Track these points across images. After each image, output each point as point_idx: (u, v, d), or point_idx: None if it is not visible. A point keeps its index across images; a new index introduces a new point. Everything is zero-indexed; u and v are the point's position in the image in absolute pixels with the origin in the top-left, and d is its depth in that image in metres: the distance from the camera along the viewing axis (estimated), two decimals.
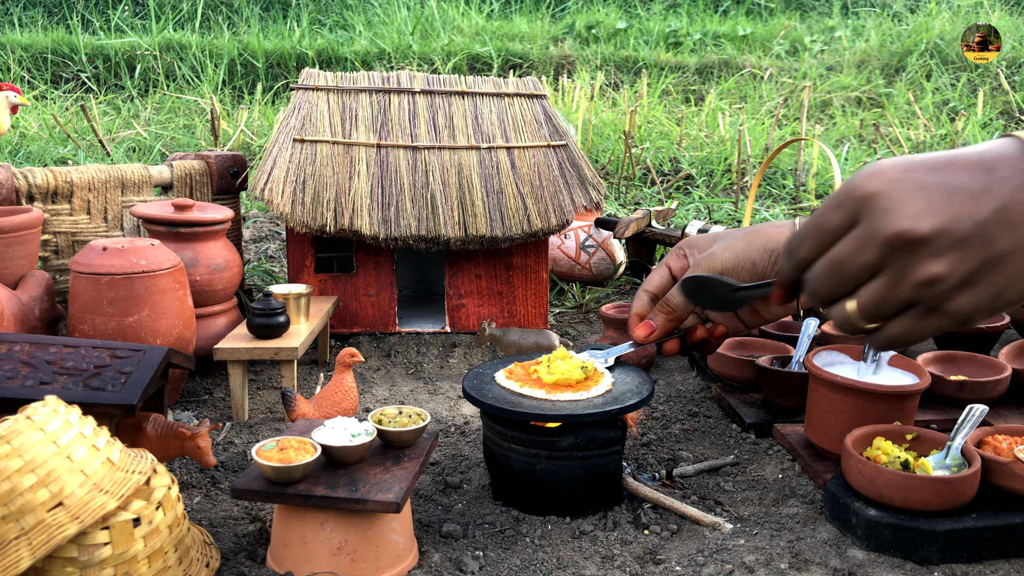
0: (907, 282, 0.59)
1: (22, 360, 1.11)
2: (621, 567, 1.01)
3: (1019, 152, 0.59)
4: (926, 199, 0.58)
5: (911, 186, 0.59)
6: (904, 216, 0.58)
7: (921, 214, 0.58)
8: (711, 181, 3.61)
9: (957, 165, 0.59)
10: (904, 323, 0.61)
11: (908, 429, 1.14)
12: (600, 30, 6.04)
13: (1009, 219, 0.57)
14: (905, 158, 0.61)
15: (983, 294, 0.59)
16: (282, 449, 0.97)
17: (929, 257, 0.58)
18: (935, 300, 0.59)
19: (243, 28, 6.05)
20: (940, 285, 0.58)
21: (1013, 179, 0.58)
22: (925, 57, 5.40)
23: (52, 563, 0.83)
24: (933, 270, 0.58)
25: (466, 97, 1.97)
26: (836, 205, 0.62)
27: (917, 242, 0.58)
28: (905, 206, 0.58)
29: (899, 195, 0.59)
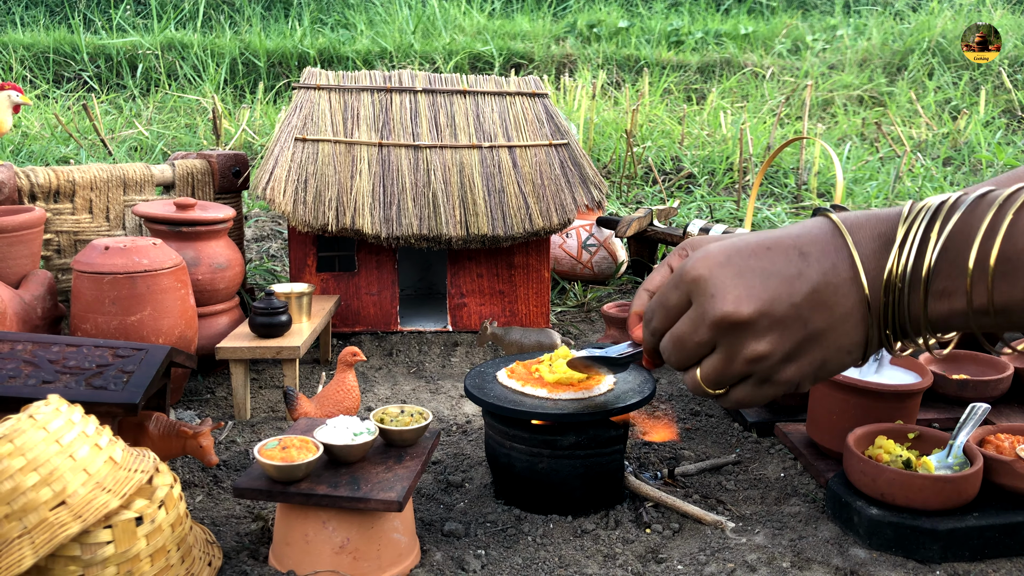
0: (738, 359, 0.65)
1: (25, 359, 1.11)
2: (623, 566, 1.01)
3: (829, 235, 0.65)
4: (747, 284, 0.64)
5: (733, 272, 0.65)
6: (727, 301, 0.64)
7: (742, 299, 0.64)
8: (713, 180, 3.60)
9: (775, 250, 0.65)
10: (744, 390, 0.68)
11: (910, 428, 1.14)
12: (602, 29, 6.04)
13: (821, 301, 0.64)
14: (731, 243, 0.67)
15: (807, 366, 0.66)
16: (284, 448, 0.98)
17: (753, 337, 0.64)
18: (765, 373, 0.66)
19: (245, 27, 6.05)
20: (766, 361, 0.65)
21: (823, 263, 0.64)
22: (927, 55, 5.40)
23: (55, 562, 0.83)
24: (758, 349, 0.64)
25: (468, 96, 1.97)
26: (674, 285, 0.69)
27: (741, 324, 0.64)
28: (728, 291, 0.64)
29: (723, 281, 0.65)
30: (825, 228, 0.66)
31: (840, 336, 0.65)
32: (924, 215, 0.63)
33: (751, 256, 0.66)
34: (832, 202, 2.42)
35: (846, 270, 0.64)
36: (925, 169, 3.46)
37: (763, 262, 0.65)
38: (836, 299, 0.64)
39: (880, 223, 0.65)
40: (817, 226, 0.66)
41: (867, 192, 3.21)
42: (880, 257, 0.64)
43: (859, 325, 0.65)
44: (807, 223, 0.68)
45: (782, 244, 0.66)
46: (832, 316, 0.64)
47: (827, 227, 0.66)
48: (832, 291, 0.64)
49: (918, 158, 3.66)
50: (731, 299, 0.64)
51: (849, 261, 0.64)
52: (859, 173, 3.49)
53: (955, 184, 3.36)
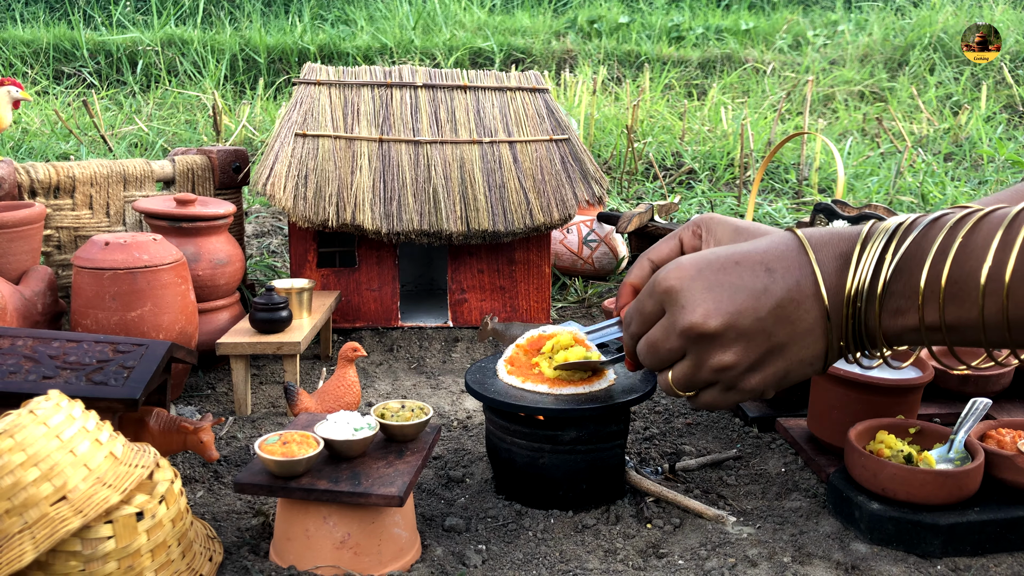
0: (705, 367, 0.70)
1: (25, 355, 1.11)
2: (624, 561, 1.01)
3: (795, 252, 0.69)
4: (715, 298, 0.68)
5: (703, 285, 0.69)
6: (696, 313, 0.68)
7: (710, 313, 0.68)
8: (714, 175, 3.60)
9: (743, 265, 0.69)
10: (711, 395, 0.73)
11: (911, 423, 1.13)
12: (602, 24, 6.03)
13: (784, 315, 0.67)
14: (703, 256, 0.71)
15: (770, 376, 0.70)
16: (285, 443, 0.98)
17: (720, 348, 0.69)
18: (731, 380, 0.70)
19: (245, 23, 6.04)
20: (732, 370, 0.69)
21: (787, 280, 0.68)
22: (928, 51, 5.39)
23: (56, 557, 0.83)
24: (724, 359, 0.69)
25: (468, 91, 1.96)
26: (648, 294, 0.73)
27: (708, 336, 0.68)
28: (697, 304, 0.68)
29: (693, 293, 0.69)
30: (791, 245, 0.70)
31: (802, 349, 0.69)
32: (882, 236, 0.66)
33: (720, 270, 0.69)
34: (833, 197, 2.42)
35: (809, 287, 0.67)
36: (926, 164, 3.45)
37: (731, 276, 0.69)
38: (799, 314, 0.68)
39: (842, 242, 0.69)
40: (784, 242, 0.70)
41: (868, 187, 3.20)
42: (841, 275, 0.68)
43: (820, 338, 0.69)
44: (775, 238, 0.71)
45: (750, 259, 0.69)
46: (795, 330, 0.68)
47: (793, 244, 0.70)
48: (795, 306, 0.67)
49: (919, 153, 3.65)
50: (700, 312, 0.68)
51: (812, 278, 0.67)
52: (860, 168, 3.49)
53: (956, 180, 3.36)
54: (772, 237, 0.72)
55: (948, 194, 2.97)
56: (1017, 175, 3.34)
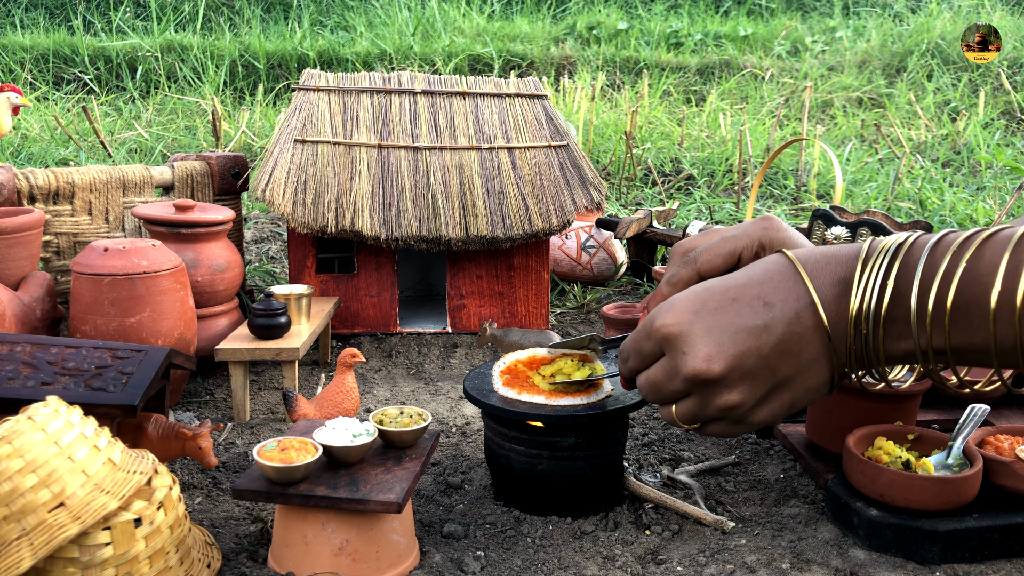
0: (711, 407, 0.69)
1: (23, 361, 1.11)
2: (622, 567, 1.01)
3: (791, 282, 0.68)
4: (716, 341, 0.67)
5: (702, 329, 0.67)
6: (698, 359, 0.67)
7: (713, 357, 0.67)
8: (712, 181, 3.61)
9: (740, 302, 0.68)
10: (718, 428, 0.72)
11: (910, 429, 1.13)
12: (601, 31, 6.04)
13: (787, 350, 0.67)
14: (696, 295, 0.69)
15: (778, 408, 0.70)
16: (283, 449, 0.97)
17: (725, 389, 0.68)
18: (738, 417, 0.70)
19: (244, 29, 6.05)
20: (738, 409, 0.69)
21: (786, 312, 0.67)
22: (926, 57, 5.40)
23: (53, 563, 0.83)
24: (730, 399, 0.68)
25: (467, 97, 1.97)
26: (645, 336, 0.72)
27: (712, 380, 0.67)
28: (698, 349, 0.67)
29: (692, 338, 0.68)
30: (787, 273, 0.68)
31: (807, 379, 0.68)
32: (882, 258, 0.65)
33: (718, 310, 0.68)
34: (832, 203, 2.42)
35: (809, 318, 0.66)
36: (924, 171, 3.46)
37: (730, 316, 0.67)
38: (801, 347, 0.67)
39: (840, 266, 0.67)
40: (779, 271, 0.69)
41: (866, 194, 3.21)
42: (841, 301, 0.67)
43: (825, 366, 0.68)
44: (769, 265, 0.70)
45: (747, 295, 0.68)
46: (799, 362, 0.67)
47: (788, 272, 0.68)
48: (797, 340, 0.67)
49: (917, 159, 3.66)
50: (702, 357, 0.67)
51: (811, 309, 0.66)
52: (858, 174, 3.49)
53: (954, 186, 3.37)
54: (766, 264, 0.70)
55: (946, 200, 2.97)
56: (1015, 181, 3.34)
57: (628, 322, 1.65)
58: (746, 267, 0.72)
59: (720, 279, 0.71)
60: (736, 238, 0.82)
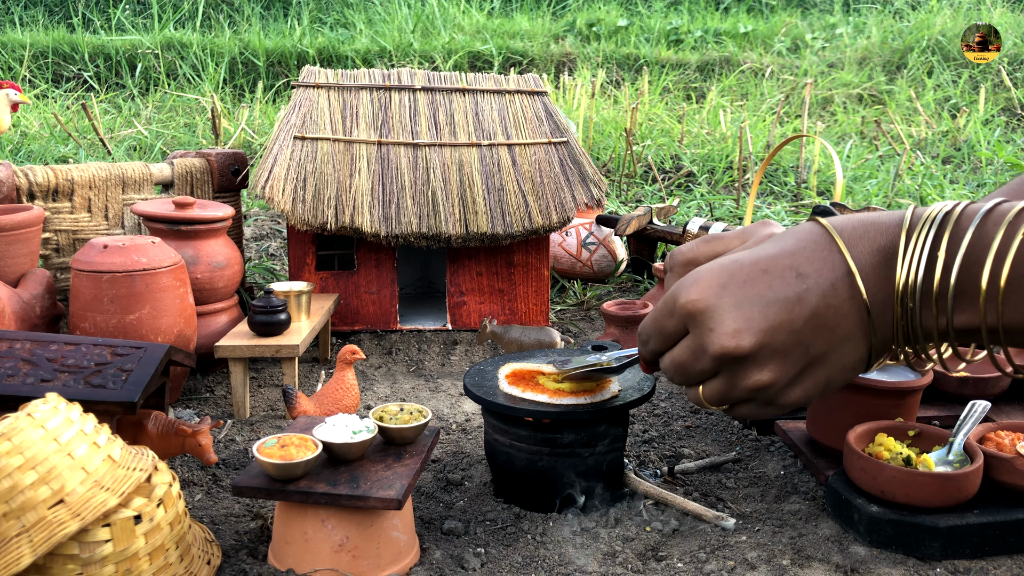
0: (740, 386, 0.64)
1: (23, 358, 1.11)
2: (623, 563, 1.01)
3: (826, 251, 0.62)
4: (745, 316, 0.62)
5: (730, 303, 0.62)
6: (726, 335, 0.62)
7: (741, 332, 0.62)
8: (712, 178, 3.60)
9: (771, 273, 0.63)
10: (748, 409, 0.67)
11: (910, 425, 1.13)
12: (601, 27, 6.03)
13: (822, 324, 0.62)
14: (724, 267, 0.64)
15: (811, 388, 0.65)
16: (283, 446, 0.97)
17: (755, 367, 0.63)
18: (769, 398, 0.65)
19: (244, 26, 6.04)
20: (770, 389, 0.64)
21: (821, 284, 0.61)
22: (927, 54, 5.39)
23: (53, 560, 0.83)
24: (761, 378, 0.63)
25: (467, 94, 1.96)
26: (668, 313, 0.66)
27: (741, 357, 0.62)
28: (726, 324, 0.62)
29: (720, 313, 0.62)
30: (821, 242, 0.63)
31: (843, 355, 0.63)
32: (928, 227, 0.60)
33: (747, 282, 0.63)
34: (832, 200, 2.42)
35: (845, 289, 0.62)
36: (925, 167, 3.46)
37: (760, 288, 0.62)
38: (837, 320, 0.62)
39: (879, 234, 0.62)
40: (812, 240, 0.63)
41: (867, 190, 3.21)
42: (880, 272, 0.62)
43: (862, 342, 0.63)
44: (801, 234, 0.65)
45: (778, 265, 0.63)
46: (834, 337, 0.62)
47: (823, 240, 0.63)
48: (833, 313, 0.62)
49: (918, 156, 3.65)
50: (730, 332, 0.62)
51: (848, 280, 0.61)
52: (859, 171, 3.49)
53: (955, 182, 3.36)
54: (799, 234, 0.65)
55: (946, 197, 2.97)
56: (1015, 177, 3.34)
57: (628, 319, 1.65)
58: (776, 237, 0.66)
59: (748, 251, 0.66)
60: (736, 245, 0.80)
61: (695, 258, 0.80)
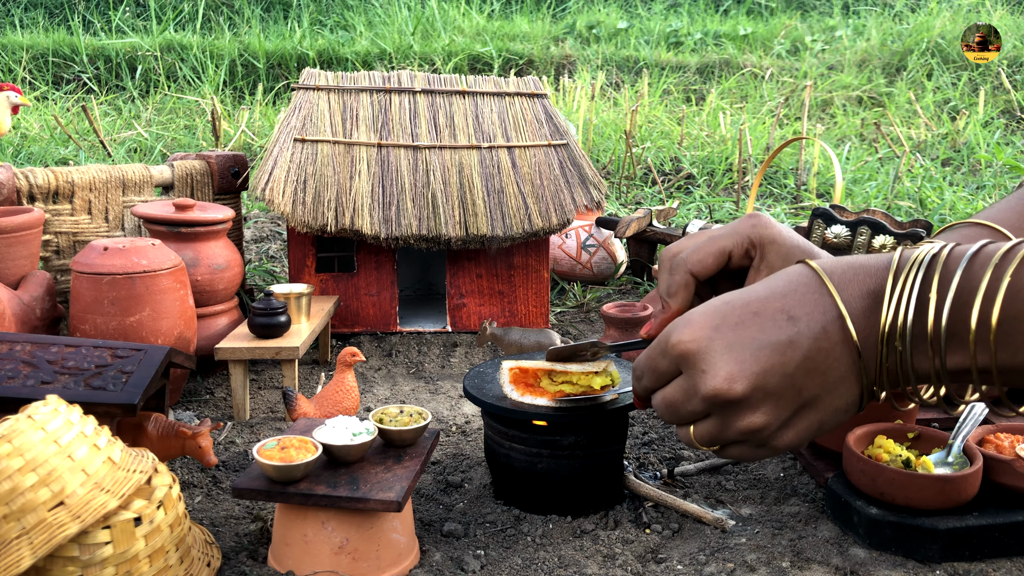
0: (732, 429, 0.64)
1: (23, 360, 1.11)
2: (623, 566, 1.01)
3: (816, 294, 0.63)
4: (737, 359, 0.62)
5: (722, 345, 0.63)
6: (719, 379, 0.62)
7: (734, 376, 0.62)
8: (712, 180, 3.61)
9: (763, 316, 0.63)
10: (739, 451, 0.67)
11: (909, 427, 1.13)
12: (601, 30, 6.04)
13: (814, 367, 0.62)
14: (715, 309, 0.65)
15: (804, 431, 0.65)
16: (283, 448, 0.97)
17: (747, 411, 0.63)
18: (761, 441, 0.65)
19: (244, 29, 6.05)
20: (762, 432, 0.64)
21: (812, 327, 0.62)
22: (926, 56, 5.40)
23: (53, 562, 0.83)
24: (754, 421, 0.63)
25: (467, 96, 1.97)
26: (661, 353, 0.67)
27: (734, 401, 0.63)
28: (719, 368, 0.63)
29: (712, 356, 0.63)
30: (811, 285, 0.64)
31: (835, 398, 0.64)
32: (915, 269, 0.61)
33: (739, 325, 0.64)
34: (831, 202, 2.42)
35: (836, 332, 0.62)
36: (924, 169, 3.46)
37: (752, 331, 0.63)
38: (829, 363, 0.63)
39: (868, 277, 0.63)
40: (803, 283, 0.64)
41: (866, 192, 3.21)
42: (871, 315, 0.62)
43: (854, 385, 0.64)
44: (791, 276, 0.66)
45: (769, 308, 0.64)
46: (826, 380, 0.63)
47: (813, 284, 0.64)
48: (824, 356, 0.62)
49: (917, 158, 3.66)
50: (723, 376, 0.62)
51: (839, 323, 0.62)
52: (858, 173, 3.49)
53: (954, 184, 3.37)
54: (789, 276, 0.66)
55: (946, 199, 2.97)
56: (1015, 180, 3.34)
57: (628, 321, 1.65)
58: (767, 279, 0.67)
59: (740, 292, 0.66)
60: (724, 236, 0.81)
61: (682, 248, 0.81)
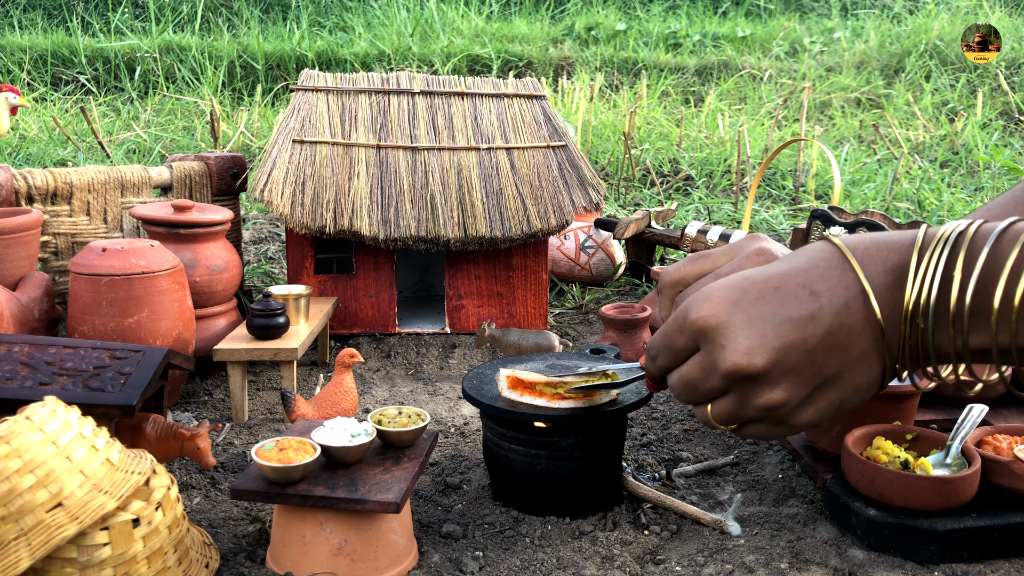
0: (751, 406, 0.63)
1: (21, 361, 1.11)
2: (621, 567, 1.01)
3: (839, 270, 0.62)
4: (757, 333, 0.61)
5: (742, 320, 0.62)
6: (738, 353, 0.61)
7: (754, 350, 0.61)
8: (711, 182, 3.61)
9: (784, 291, 0.62)
10: (758, 429, 0.66)
11: (908, 429, 1.14)
12: (599, 31, 6.04)
13: (835, 343, 0.61)
14: (735, 284, 0.64)
15: (824, 409, 0.64)
16: (281, 449, 0.97)
17: (767, 387, 0.62)
18: (780, 418, 0.64)
19: (243, 30, 6.05)
20: (782, 409, 0.63)
21: (835, 303, 0.61)
22: (924, 58, 5.41)
23: (51, 563, 0.83)
24: (772, 398, 0.62)
25: (465, 98, 1.97)
26: (678, 330, 0.66)
27: (753, 376, 0.62)
28: (738, 342, 0.61)
29: (731, 330, 0.62)
30: (834, 261, 0.63)
31: (857, 375, 0.63)
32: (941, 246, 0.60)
33: (759, 300, 0.62)
34: (830, 204, 2.43)
35: (859, 308, 0.61)
36: (922, 171, 3.46)
37: (772, 306, 0.62)
38: (851, 340, 0.61)
39: (892, 253, 0.62)
40: (825, 259, 0.63)
41: (865, 194, 3.21)
42: (894, 291, 0.61)
43: (876, 362, 0.63)
44: (813, 253, 0.64)
45: (791, 282, 0.63)
46: (847, 357, 0.62)
47: (835, 259, 0.63)
48: (846, 332, 0.61)
49: (915, 160, 3.66)
50: (742, 350, 0.61)
51: (862, 299, 0.61)
52: (857, 175, 3.49)
53: (952, 186, 3.37)
54: (810, 252, 0.65)
55: (944, 200, 2.98)
56: (1013, 181, 3.35)
57: (627, 322, 1.66)
58: (788, 255, 0.66)
59: (760, 268, 0.65)
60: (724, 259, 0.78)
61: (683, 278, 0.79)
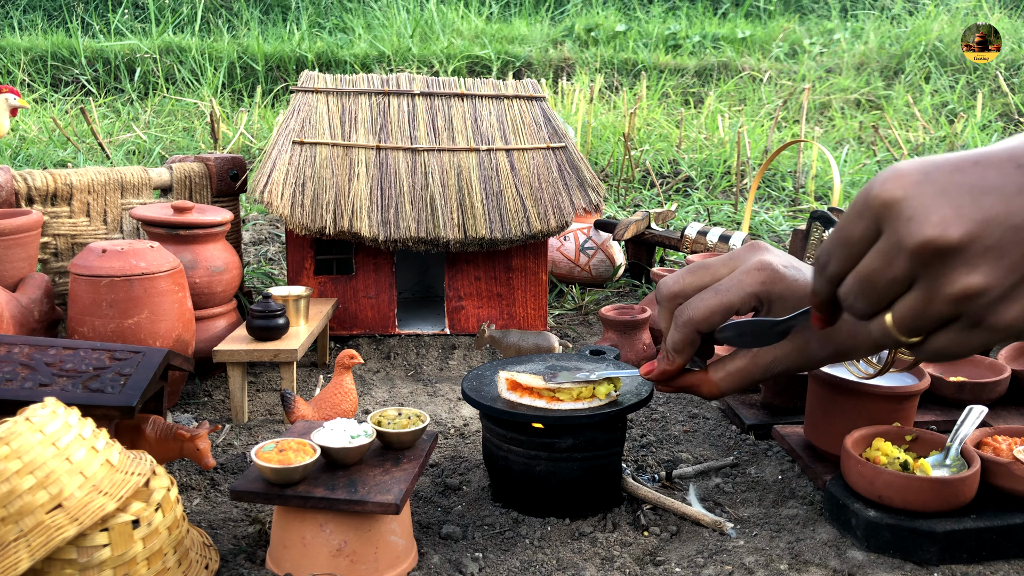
0: (943, 296, 0.52)
1: (21, 362, 1.11)
2: (621, 568, 1.01)
3: None
4: (953, 203, 0.51)
5: (935, 189, 0.52)
6: (929, 224, 0.51)
7: (949, 220, 0.51)
8: (710, 183, 3.61)
9: (985, 163, 0.53)
10: (948, 337, 0.55)
11: (907, 430, 1.14)
12: (599, 33, 6.04)
13: None
14: (927, 159, 0.54)
15: None
16: (281, 451, 0.97)
17: (963, 268, 0.51)
18: (977, 314, 0.52)
19: (243, 31, 6.05)
20: (980, 299, 0.52)
21: None
22: (924, 59, 5.41)
23: (51, 564, 0.83)
24: (970, 283, 0.51)
25: (465, 99, 1.97)
26: (857, 215, 0.55)
27: (947, 252, 0.51)
28: (930, 212, 0.51)
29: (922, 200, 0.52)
30: None
31: None
32: None
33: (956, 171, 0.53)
34: (829, 205, 2.43)
35: None
36: None
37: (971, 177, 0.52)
38: None
39: None
40: None
41: None
42: None
43: None
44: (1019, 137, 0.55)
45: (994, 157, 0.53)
46: None
47: None
48: None
49: None
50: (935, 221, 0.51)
51: None
52: (856, 176, 3.50)
53: None
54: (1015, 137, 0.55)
55: None
56: None
57: (626, 323, 1.66)
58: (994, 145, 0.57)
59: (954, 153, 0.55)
60: (731, 291, 0.74)
61: (682, 290, 0.76)
